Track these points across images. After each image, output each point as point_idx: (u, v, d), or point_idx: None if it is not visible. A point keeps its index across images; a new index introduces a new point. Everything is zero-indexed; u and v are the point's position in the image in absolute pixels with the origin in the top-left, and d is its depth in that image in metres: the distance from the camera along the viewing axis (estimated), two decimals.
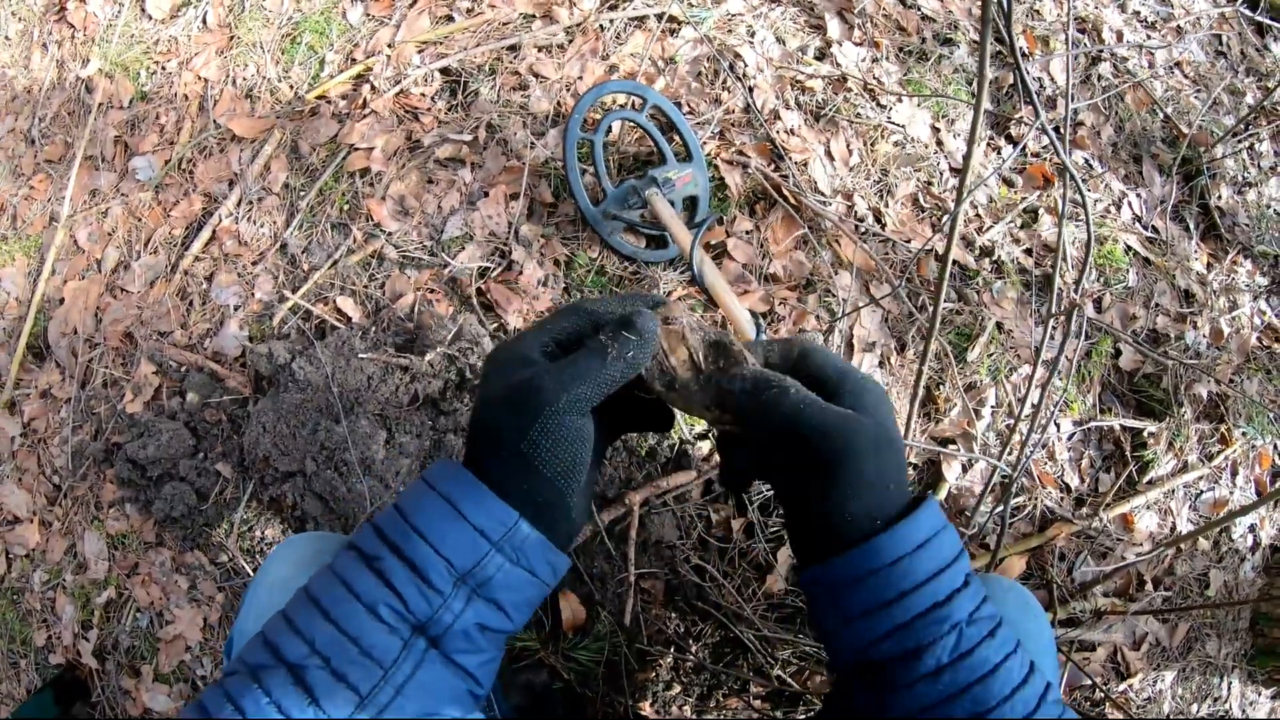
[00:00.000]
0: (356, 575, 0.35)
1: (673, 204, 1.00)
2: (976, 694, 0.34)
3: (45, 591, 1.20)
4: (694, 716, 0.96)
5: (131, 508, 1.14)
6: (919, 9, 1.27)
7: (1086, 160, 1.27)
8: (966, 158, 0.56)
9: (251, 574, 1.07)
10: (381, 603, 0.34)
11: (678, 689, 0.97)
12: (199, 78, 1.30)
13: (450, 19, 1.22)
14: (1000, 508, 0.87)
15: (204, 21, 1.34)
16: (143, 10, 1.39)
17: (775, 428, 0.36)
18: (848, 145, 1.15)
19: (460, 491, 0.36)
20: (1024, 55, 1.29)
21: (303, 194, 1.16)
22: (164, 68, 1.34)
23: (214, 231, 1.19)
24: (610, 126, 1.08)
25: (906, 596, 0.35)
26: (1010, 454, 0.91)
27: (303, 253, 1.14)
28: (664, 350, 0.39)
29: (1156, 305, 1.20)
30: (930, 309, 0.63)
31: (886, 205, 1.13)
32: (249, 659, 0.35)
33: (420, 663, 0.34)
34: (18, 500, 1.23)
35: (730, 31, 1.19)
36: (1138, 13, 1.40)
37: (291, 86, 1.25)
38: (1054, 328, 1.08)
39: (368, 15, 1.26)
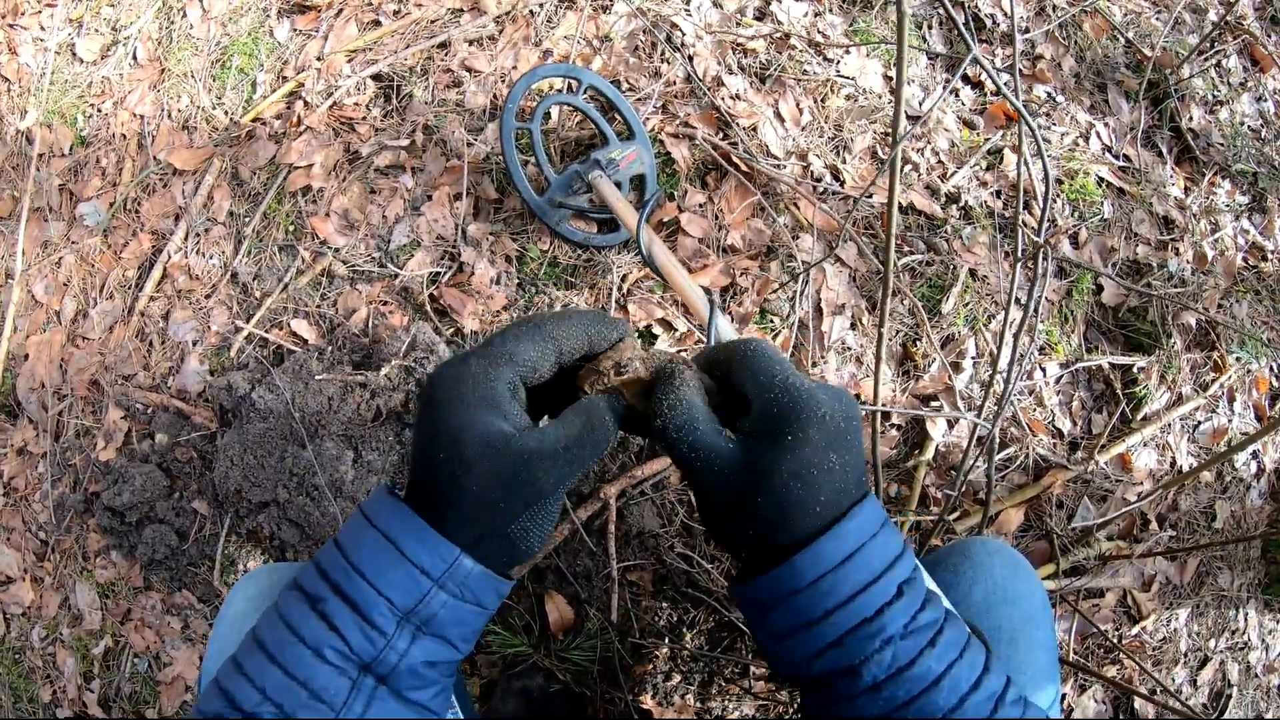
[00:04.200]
0: (301, 618, 0.34)
1: (619, 184, 0.97)
2: (921, 705, 0.33)
3: (45, 647, 1.20)
4: (695, 705, 0.94)
5: (117, 554, 1.13)
6: None
7: (1049, 94, 1.22)
8: (896, 99, 0.53)
9: (214, 623, 1.07)
10: (326, 645, 0.34)
11: (677, 678, 0.95)
12: (135, 115, 1.28)
13: (377, 23, 1.19)
14: (987, 463, 0.84)
15: (134, 58, 1.32)
16: (74, 54, 1.37)
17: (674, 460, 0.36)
18: (797, 104, 1.11)
19: (400, 528, 0.35)
20: None
21: (247, 220, 1.14)
22: (100, 110, 1.32)
23: (165, 269, 1.17)
24: (548, 113, 1.05)
25: (832, 615, 0.33)
26: (991, 407, 0.88)
27: (254, 279, 1.12)
28: (623, 393, 0.38)
29: (1135, 235, 1.16)
30: (885, 262, 0.60)
31: (844, 161, 1.09)
32: (205, 708, 0.34)
33: (370, 700, 0.34)
34: (8, 560, 1.23)
35: (664, 1, 1.15)
36: None
37: (226, 112, 1.22)
38: (1026, 269, 1.04)
39: (295, 30, 1.23)
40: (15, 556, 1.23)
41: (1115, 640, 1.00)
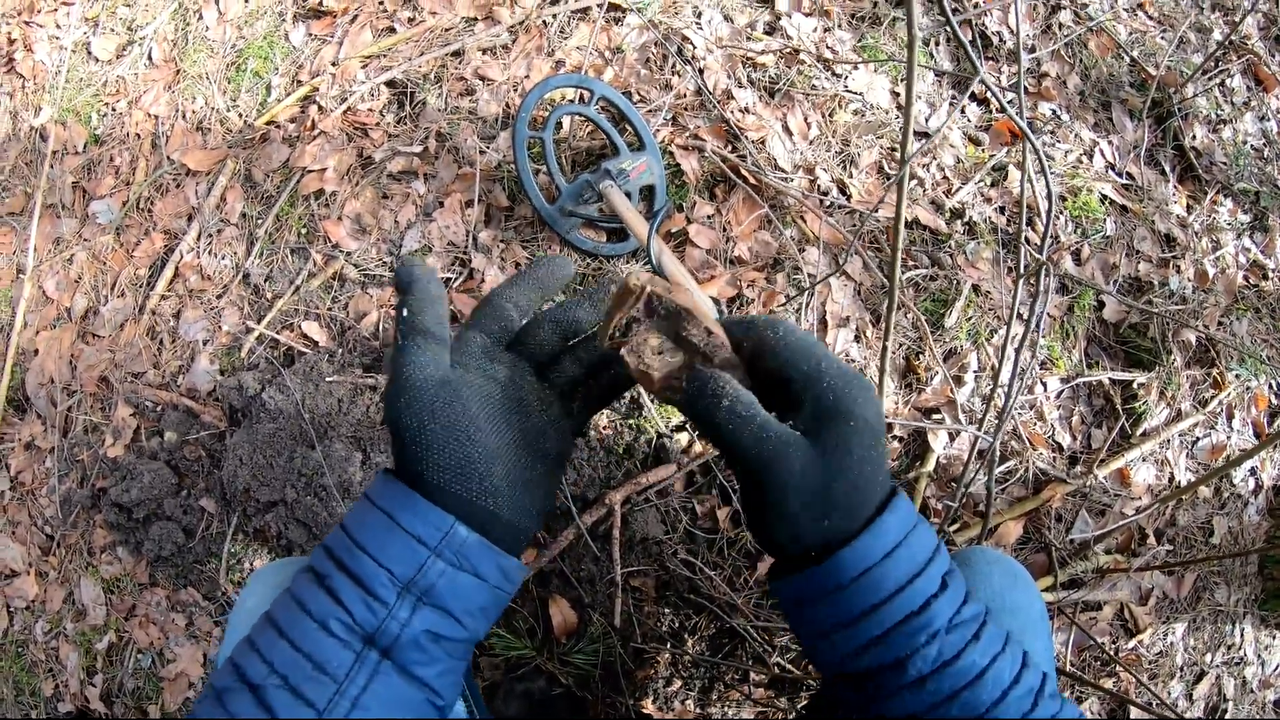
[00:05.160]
0: (309, 594, 0.36)
1: (629, 194, 0.98)
2: (965, 700, 0.33)
3: (48, 641, 1.21)
4: (695, 711, 0.95)
5: (123, 550, 1.14)
6: None
7: (1054, 111, 1.24)
8: (905, 120, 0.54)
9: (229, 616, 1.07)
10: (332, 617, 0.34)
11: (678, 684, 0.96)
12: (149, 115, 1.29)
13: (392, 30, 1.20)
14: (987, 476, 0.85)
15: (149, 58, 1.33)
16: (89, 53, 1.38)
17: (710, 439, 0.35)
18: (805, 119, 1.12)
19: (396, 502, 0.36)
20: (979, 8, 1.26)
21: (260, 222, 1.15)
22: (114, 109, 1.33)
23: (177, 268, 1.18)
24: (560, 122, 1.07)
25: (878, 610, 0.33)
26: (992, 420, 0.89)
27: (265, 281, 1.13)
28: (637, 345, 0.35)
29: (1137, 252, 1.17)
30: (890, 276, 0.61)
31: (850, 176, 1.11)
32: (216, 683, 0.36)
33: (374, 674, 0.34)
34: (13, 554, 1.24)
35: (676, 14, 1.17)
36: None
37: (240, 115, 1.24)
38: (1029, 285, 1.05)
39: (310, 35, 1.24)
40: (20, 550, 1.24)
41: (1112, 653, 1.01)
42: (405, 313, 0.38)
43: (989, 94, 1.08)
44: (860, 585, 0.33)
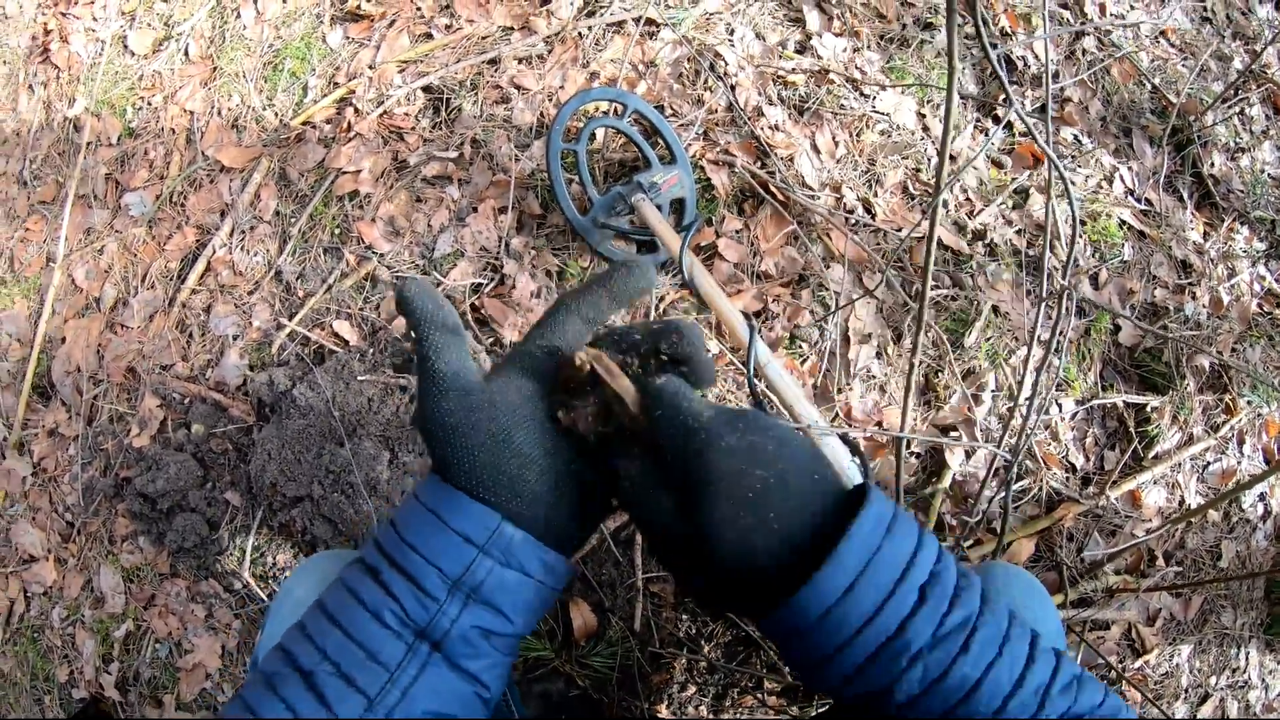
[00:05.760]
0: (361, 585, 0.36)
1: (660, 208, 1.00)
2: (962, 714, 0.32)
3: (65, 628, 1.22)
4: (710, 717, 0.97)
5: (144, 540, 1.15)
6: None
7: (1076, 136, 1.26)
8: (943, 143, 0.56)
9: (266, 600, 1.09)
10: (385, 609, 0.35)
11: (692, 690, 0.97)
12: (184, 110, 1.31)
13: (429, 36, 1.22)
14: (1004, 493, 0.87)
15: (186, 54, 1.35)
16: (125, 47, 1.40)
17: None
18: (833, 138, 1.14)
19: (442, 502, 0.37)
20: (1006, 34, 1.28)
21: (294, 220, 1.17)
22: (149, 103, 1.35)
23: (209, 263, 1.20)
24: (593, 134, 1.08)
25: (851, 643, 0.32)
26: (1011, 438, 0.91)
27: (297, 279, 1.14)
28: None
29: (1154, 278, 1.19)
30: (920, 304, 0.63)
31: (875, 195, 1.12)
32: (266, 668, 0.36)
33: (425, 665, 0.35)
34: (33, 539, 1.25)
35: (709, 31, 1.19)
36: None
37: (276, 114, 1.25)
38: (1049, 308, 1.07)
39: (348, 38, 1.26)
40: (40, 536, 1.25)
41: (1119, 672, 1.02)
42: (415, 328, 0.39)
43: (1012, 116, 1.10)
44: (826, 623, 0.32)
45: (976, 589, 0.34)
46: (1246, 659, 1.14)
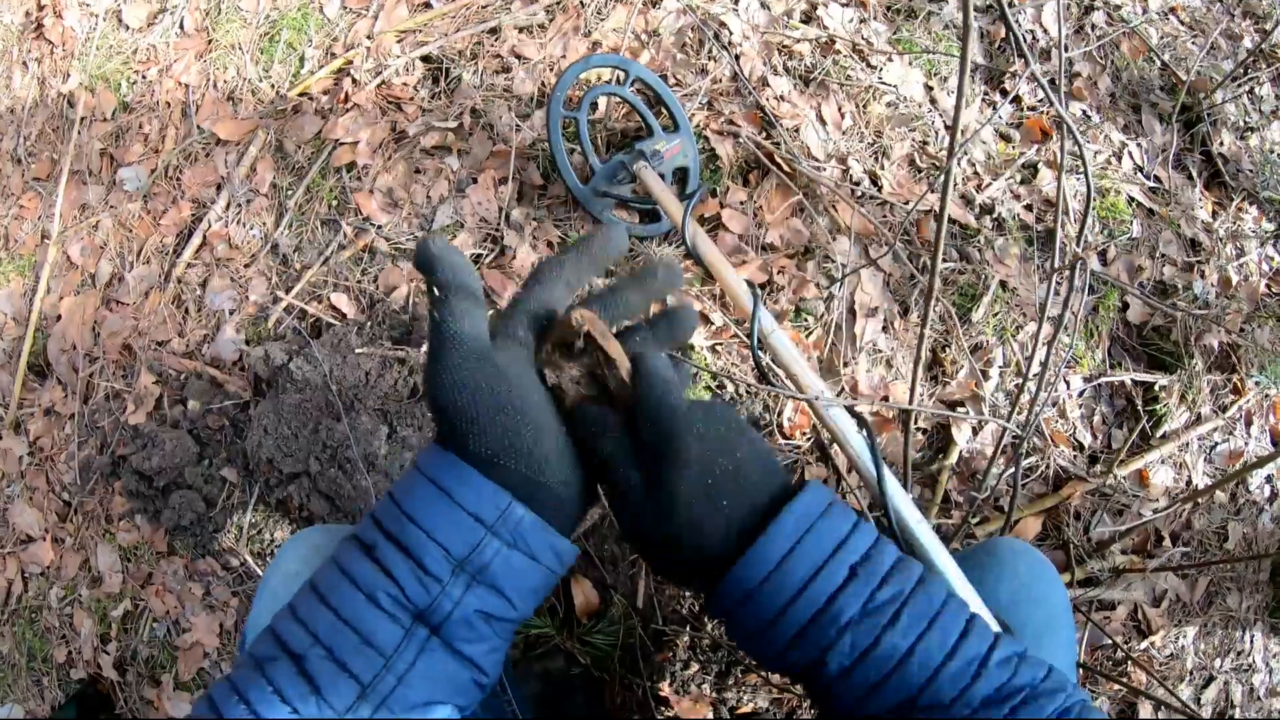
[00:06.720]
0: (356, 564, 0.34)
1: (662, 176, 0.98)
2: (895, 683, 0.33)
3: (62, 608, 1.21)
4: (710, 695, 0.96)
5: (141, 519, 1.14)
6: None
7: (1084, 112, 1.24)
8: (955, 115, 0.54)
9: (263, 576, 1.07)
10: (380, 590, 0.33)
11: (695, 667, 0.96)
12: (180, 84, 1.29)
13: (428, 6, 1.20)
14: (1012, 470, 0.85)
15: (181, 27, 1.33)
16: (120, 21, 1.38)
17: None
18: (839, 108, 1.12)
19: (449, 475, 0.35)
20: (1013, 6, 1.26)
21: (290, 193, 1.15)
22: (144, 77, 1.33)
23: (204, 237, 1.18)
24: (595, 102, 1.07)
25: (785, 612, 0.34)
26: (1019, 414, 0.89)
27: (294, 252, 1.13)
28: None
29: (1162, 256, 1.18)
30: (929, 269, 0.61)
31: (882, 167, 1.11)
32: (255, 651, 0.35)
33: (422, 651, 0.33)
34: (29, 519, 1.24)
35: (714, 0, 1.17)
36: None
37: (273, 86, 1.23)
38: (1058, 283, 1.06)
39: (345, 8, 1.24)
40: (37, 516, 1.24)
41: (1126, 652, 1.02)
42: (437, 287, 0.36)
43: (1020, 90, 1.08)
44: (763, 591, 0.34)
45: (914, 575, 0.35)
46: (1251, 642, 1.13)
